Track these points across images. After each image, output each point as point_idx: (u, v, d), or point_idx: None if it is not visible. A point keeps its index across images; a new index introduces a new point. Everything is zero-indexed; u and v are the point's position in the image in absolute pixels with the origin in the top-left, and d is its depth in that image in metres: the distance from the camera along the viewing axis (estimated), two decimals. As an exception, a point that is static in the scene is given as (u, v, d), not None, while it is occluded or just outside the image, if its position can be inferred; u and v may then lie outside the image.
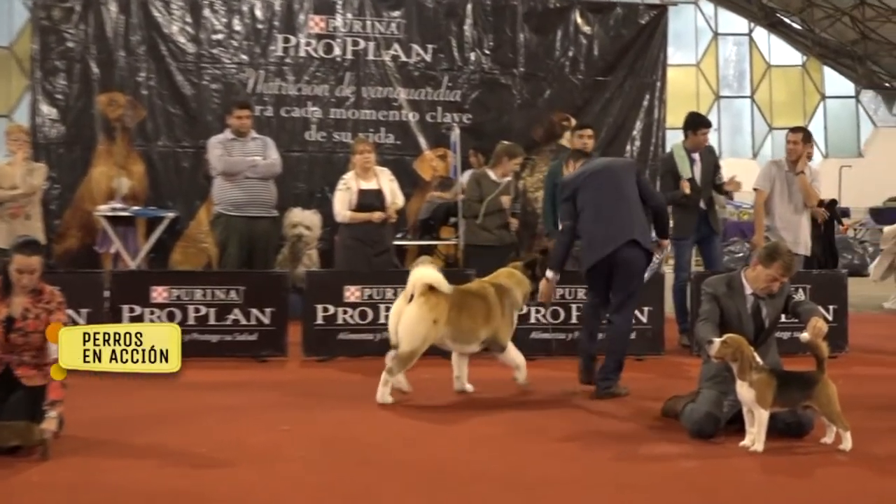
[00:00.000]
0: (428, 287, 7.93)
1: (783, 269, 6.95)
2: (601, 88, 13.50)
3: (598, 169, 8.60)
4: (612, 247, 8.24)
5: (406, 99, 13.09)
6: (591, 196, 8.43)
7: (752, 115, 33.84)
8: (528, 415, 7.63)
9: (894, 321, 12.90)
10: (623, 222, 8.32)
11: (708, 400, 6.97)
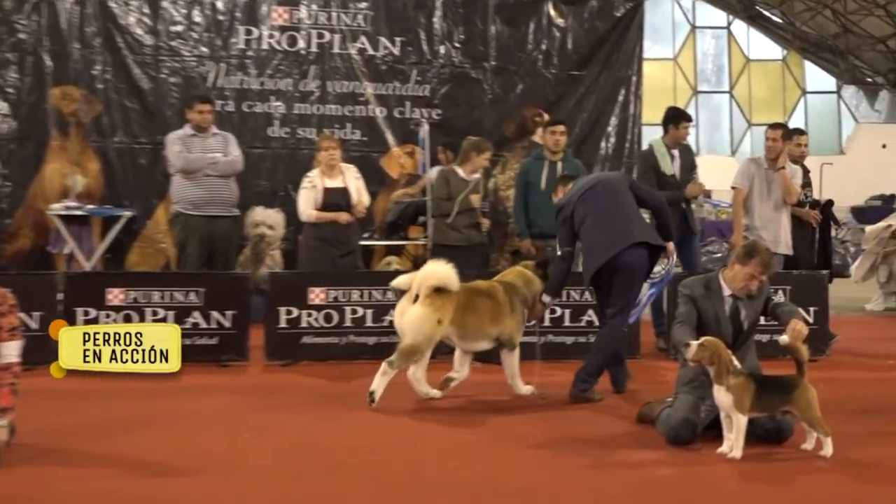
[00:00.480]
0: (434, 288, 8.05)
1: (761, 267, 6.99)
2: (575, 83, 13.55)
3: (592, 183, 8.74)
4: (615, 250, 8.30)
5: (373, 93, 13.09)
6: (588, 207, 8.51)
7: (731, 111, 34.00)
8: (502, 421, 7.64)
9: (876, 323, 13.02)
10: (623, 227, 8.40)
11: (684, 405, 7.00)
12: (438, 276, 8.11)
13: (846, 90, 34.19)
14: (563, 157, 10.87)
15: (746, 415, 6.59)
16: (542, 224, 10.74)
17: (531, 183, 10.80)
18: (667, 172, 10.88)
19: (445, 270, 8.16)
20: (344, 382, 9.10)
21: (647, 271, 8.56)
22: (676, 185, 10.88)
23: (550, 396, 8.40)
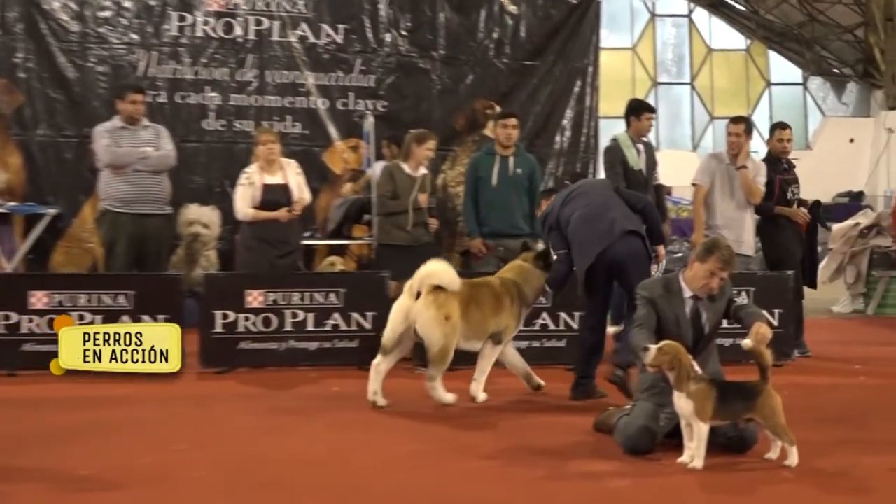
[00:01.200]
0: (435, 286, 8.27)
1: (721, 263, 7.02)
2: (528, 74, 13.58)
3: (574, 187, 8.98)
4: (607, 242, 8.44)
5: (314, 84, 13.07)
6: (573, 206, 8.71)
7: (692, 103, 34.16)
8: (451, 430, 7.64)
9: (843, 326, 13.17)
10: (611, 218, 8.56)
11: (643, 413, 7.03)
12: (440, 277, 8.30)
13: (812, 82, 34.46)
14: (515, 152, 10.90)
15: (708, 423, 6.61)
16: (493, 222, 10.77)
17: (482, 179, 10.82)
18: (634, 167, 10.95)
19: (447, 271, 8.39)
20: (284, 391, 9.08)
21: (648, 257, 8.68)
22: (644, 182, 10.94)
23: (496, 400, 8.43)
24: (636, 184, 10.78)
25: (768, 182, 11.06)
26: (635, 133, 11.10)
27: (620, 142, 11.06)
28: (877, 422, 8.12)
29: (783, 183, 11.16)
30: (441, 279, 8.31)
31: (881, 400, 9.09)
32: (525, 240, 9.92)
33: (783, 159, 11.29)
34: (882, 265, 15.13)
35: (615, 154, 11.04)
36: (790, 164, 11.36)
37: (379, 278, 10.29)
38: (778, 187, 11.12)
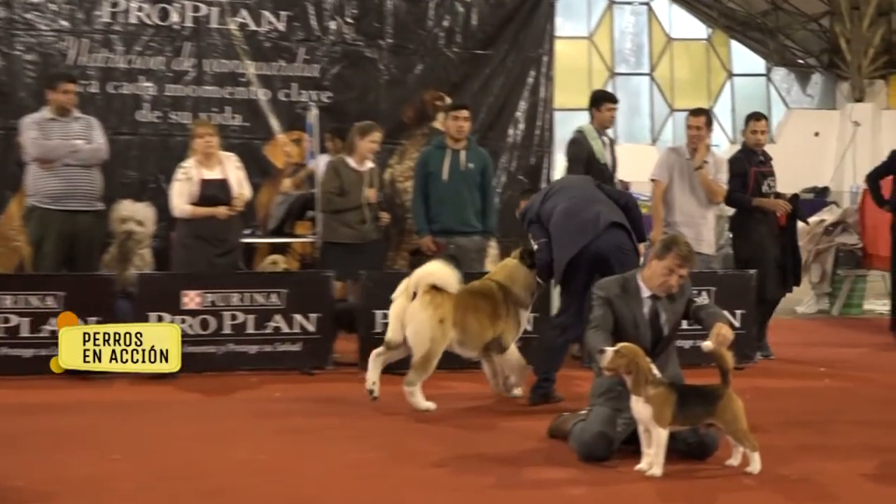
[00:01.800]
0: (432, 286, 8.41)
1: (679, 260, 7.07)
2: (480, 63, 13.59)
3: (556, 184, 9.19)
4: (592, 234, 8.54)
5: (255, 74, 13.00)
6: (555, 201, 8.83)
7: (651, 95, 34.36)
8: (400, 437, 7.67)
9: (808, 327, 13.30)
10: (598, 212, 8.65)
11: (600, 418, 7.07)
12: (438, 276, 8.46)
13: (776, 73, 34.73)
14: (467, 146, 10.93)
15: (667, 428, 6.66)
16: (444, 219, 10.79)
17: (432, 174, 10.84)
18: (601, 160, 11.00)
19: (446, 270, 8.54)
20: (223, 396, 9.07)
21: (634, 250, 8.77)
22: (609, 176, 11.02)
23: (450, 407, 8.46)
24: (602, 178, 10.86)
25: (742, 174, 11.16)
26: (598, 125, 11.17)
27: (586, 133, 11.12)
28: (842, 426, 8.22)
29: (758, 175, 11.24)
30: (439, 279, 8.46)
31: (846, 403, 9.20)
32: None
33: (758, 151, 11.36)
34: (848, 264, 15.25)
35: (581, 146, 11.07)
36: (766, 157, 11.45)
37: (323, 278, 10.30)
38: (752, 180, 11.20)
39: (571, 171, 11.00)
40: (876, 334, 13.13)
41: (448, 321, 8.50)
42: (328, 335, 10.21)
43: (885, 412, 8.76)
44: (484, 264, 11.03)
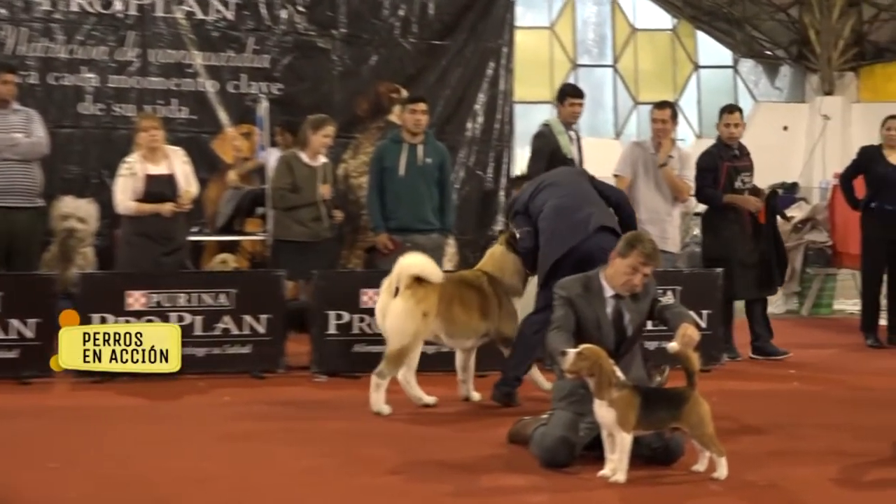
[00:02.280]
0: (415, 278, 8.44)
1: (643, 258, 7.07)
2: (437, 54, 13.60)
3: (550, 176, 9.17)
4: (581, 236, 8.55)
5: (203, 64, 12.97)
6: (546, 195, 8.86)
7: (615, 88, 34.39)
8: (353, 443, 7.64)
9: (777, 327, 13.28)
10: (586, 212, 8.69)
11: (561, 423, 7.07)
12: (419, 266, 8.51)
13: (743, 64, 34.83)
14: (424, 140, 10.93)
15: (631, 433, 6.66)
16: (401, 216, 10.79)
17: (388, 169, 10.83)
18: (567, 154, 11.01)
19: (426, 260, 8.60)
20: (169, 401, 9.02)
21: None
22: None
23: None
24: None
25: (713, 169, 11.19)
26: (564, 119, 11.20)
27: (552, 127, 11.13)
28: (811, 430, 8.25)
29: (731, 170, 11.25)
30: (420, 269, 8.51)
31: (815, 407, 9.24)
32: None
33: (732, 145, 11.38)
34: (818, 262, 15.33)
35: (545, 139, 11.09)
36: (742, 151, 11.48)
37: (274, 277, 10.27)
38: (724, 175, 11.22)
39: (534, 165, 11.03)
40: (846, 335, 13.20)
41: (432, 314, 8.57)
42: (279, 337, 10.17)
43: (855, 415, 8.80)
44: (442, 263, 11.02)
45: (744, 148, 11.50)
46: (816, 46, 31.94)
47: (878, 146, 12.44)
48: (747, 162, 11.44)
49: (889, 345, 12.38)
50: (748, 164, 11.43)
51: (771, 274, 11.43)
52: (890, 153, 12.29)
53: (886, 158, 12.26)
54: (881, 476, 6.96)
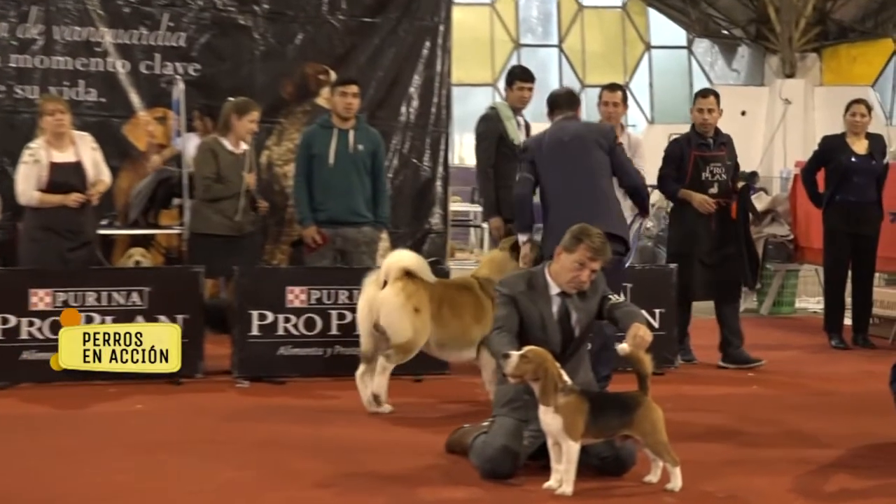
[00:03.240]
0: (404, 272, 8.58)
1: (591, 252, 7.10)
2: (368, 33, 13.57)
3: (566, 139, 9.17)
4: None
5: (113, 43, 12.87)
6: (559, 166, 9.05)
7: (560, 69, 34.56)
8: (279, 453, 7.63)
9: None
10: (599, 208, 8.82)
11: (504, 430, 7.09)
12: (409, 260, 8.68)
13: (698, 45, 35.13)
14: (355, 125, 10.92)
15: (579, 441, 6.68)
16: (330, 208, 10.78)
17: (316, 157, 10.82)
18: (514, 140, 11.05)
19: (416, 256, 8.80)
20: (76, 409, 8.97)
21: (623, 264, 9.13)
22: None
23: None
24: (515, 161, 10.92)
25: (677, 158, 11.21)
26: (512, 104, 11.22)
27: (500, 111, 11.15)
28: (771, 438, 8.33)
29: (698, 161, 11.23)
30: (410, 264, 8.65)
31: (776, 412, 9.31)
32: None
33: (706, 132, 11.33)
34: (778, 257, 15.39)
35: (491, 123, 11.09)
36: (718, 140, 11.41)
37: (191, 274, 10.22)
38: (691, 165, 11.22)
39: (480, 151, 11.07)
40: (808, 335, 13.32)
41: (424, 312, 8.68)
42: (198, 339, 10.13)
43: (817, 421, 8.88)
44: (375, 259, 11.03)
45: (722, 137, 11.44)
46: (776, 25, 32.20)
47: (842, 135, 12.50)
48: (720, 153, 11.34)
49: (854, 346, 12.50)
50: (720, 156, 11.34)
51: (737, 275, 11.42)
52: (854, 141, 12.35)
53: (851, 147, 12.32)
54: (844, 485, 7.04)
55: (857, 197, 12.22)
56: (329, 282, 10.14)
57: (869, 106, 12.66)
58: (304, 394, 9.40)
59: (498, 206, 10.79)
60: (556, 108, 9.67)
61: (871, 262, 12.53)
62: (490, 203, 10.97)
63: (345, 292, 10.10)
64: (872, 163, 12.30)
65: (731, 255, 11.28)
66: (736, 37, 34.34)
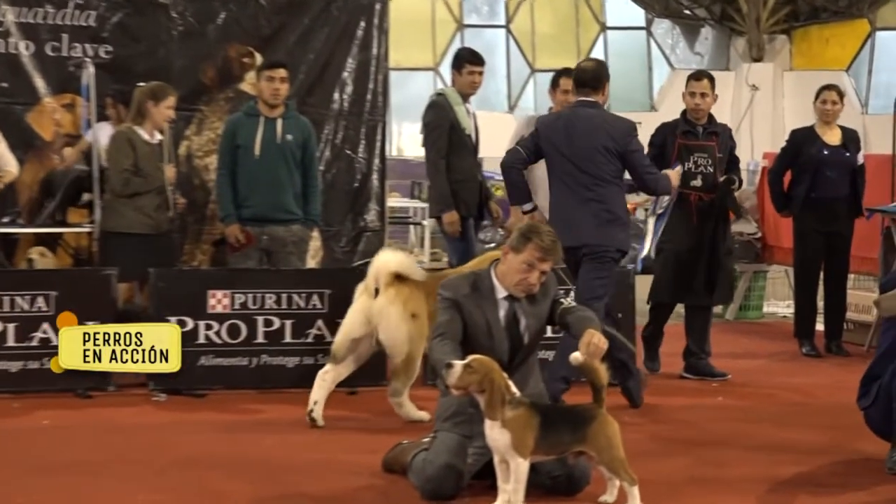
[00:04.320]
0: (394, 276, 8.72)
1: (540, 252, 7.10)
2: (297, 12, 13.53)
3: (580, 132, 9.51)
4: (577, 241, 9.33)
5: (15, 22, 12.80)
6: (556, 175, 9.57)
7: (508, 52, 34.57)
8: (203, 474, 7.62)
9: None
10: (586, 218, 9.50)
11: (446, 447, 7.10)
12: (398, 262, 8.83)
13: (658, 26, 35.24)
14: (284, 113, 10.93)
15: (528, 458, 6.71)
16: (256, 204, 10.77)
17: (241, 147, 10.81)
18: (465, 130, 11.06)
19: (402, 256, 8.98)
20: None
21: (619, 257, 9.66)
22: (474, 149, 11.12)
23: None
24: (466, 152, 10.95)
25: (659, 145, 11.18)
26: (460, 89, 11.24)
27: (449, 97, 11.14)
28: (736, 452, 8.38)
29: (682, 149, 11.17)
30: (399, 265, 8.81)
31: (742, 425, 9.38)
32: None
33: (697, 119, 11.27)
34: (745, 257, 15.43)
35: (442, 111, 11.08)
36: (708, 128, 11.33)
37: (103, 277, 10.18)
38: (675, 153, 11.17)
39: (430, 142, 11.07)
40: (777, 341, 13.40)
41: (422, 315, 8.82)
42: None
43: (785, 435, 8.96)
44: (304, 260, 11.02)
45: (714, 126, 11.38)
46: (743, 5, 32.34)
47: (811, 127, 12.51)
48: (708, 142, 11.24)
49: (827, 353, 12.57)
50: (708, 146, 11.24)
51: (713, 279, 11.43)
52: (825, 131, 12.35)
53: (822, 138, 12.33)
54: (816, 504, 7.11)
55: (829, 192, 12.21)
56: (255, 285, 10.12)
57: (841, 92, 12.64)
58: (227, 408, 9.38)
59: (454, 200, 10.84)
60: (579, 87, 9.93)
61: (844, 263, 12.58)
62: (444, 197, 11.01)
63: (272, 296, 10.10)
64: (846, 155, 12.28)
65: (701, 257, 11.24)
66: (699, 17, 34.43)
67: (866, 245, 12.82)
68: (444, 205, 11.04)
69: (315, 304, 10.12)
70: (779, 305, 16.12)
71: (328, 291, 10.20)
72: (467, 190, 11.23)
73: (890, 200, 12.98)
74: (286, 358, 10.18)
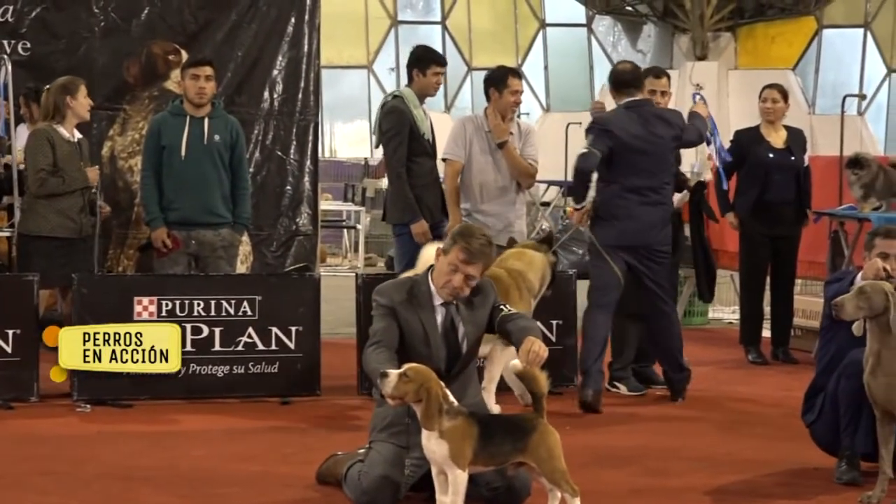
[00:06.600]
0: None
1: (466, 255, 7.09)
2: (224, 7, 13.51)
3: (657, 128, 10.27)
4: (645, 240, 10.15)
5: (-74, 17, 12.75)
6: (634, 165, 10.15)
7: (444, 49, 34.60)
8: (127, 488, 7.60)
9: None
10: (658, 218, 10.24)
11: (382, 458, 7.13)
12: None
13: (599, 22, 35.36)
14: (211, 113, 10.91)
15: (467, 470, 6.72)
16: (183, 207, 10.75)
17: (167, 148, 10.79)
18: (424, 134, 11.05)
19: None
20: None
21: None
22: (433, 153, 11.11)
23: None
24: (426, 156, 10.93)
25: None
26: (419, 91, 11.21)
27: (407, 100, 11.11)
28: (683, 463, 8.44)
29: None
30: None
31: (686, 435, 9.43)
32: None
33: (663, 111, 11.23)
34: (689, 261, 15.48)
35: (402, 116, 11.01)
36: (698, 124, 11.14)
37: (24, 283, 10.14)
38: None
39: (390, 150, 11.00)
40: (723, 348, 13.45)
41: None
42: (31, 357, 10.03)
43: (731, 445, 9.03)
44: (234, 265, 11.02)
45: (697, 117, 11.21)
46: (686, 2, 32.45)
47: (756, 127, 12.57)
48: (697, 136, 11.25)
49: (774, 360, 12.64)
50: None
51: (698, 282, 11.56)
52: (770, 132, 12.41)
53: (767, 140, 12.41)
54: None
55: (776, 196, 12.27)
56: (182, 291, 10.09)
57: (783, 91, 12.69)
58: (154, 419, 9.37)
59: (420, 208, 10.85)
60: (623, 88, 10.29)
61: (791, 267, 12.67)
62: (409, 206, 10.91)
63: (200, 303, 10.08)
64: (791, 158, 12.33)
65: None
66: (641, 14, 34.57)
67: (813, 249, 12.92)
68: (410, 215, 10.95)
69: (245, 311, 10.10)
70: (724, 311, 16.19)
71: (259, 298, 10.17)
72: (430, 195, 11.14)
73: (838, 203, 13.08)
74: (215, 367, 10.17)
